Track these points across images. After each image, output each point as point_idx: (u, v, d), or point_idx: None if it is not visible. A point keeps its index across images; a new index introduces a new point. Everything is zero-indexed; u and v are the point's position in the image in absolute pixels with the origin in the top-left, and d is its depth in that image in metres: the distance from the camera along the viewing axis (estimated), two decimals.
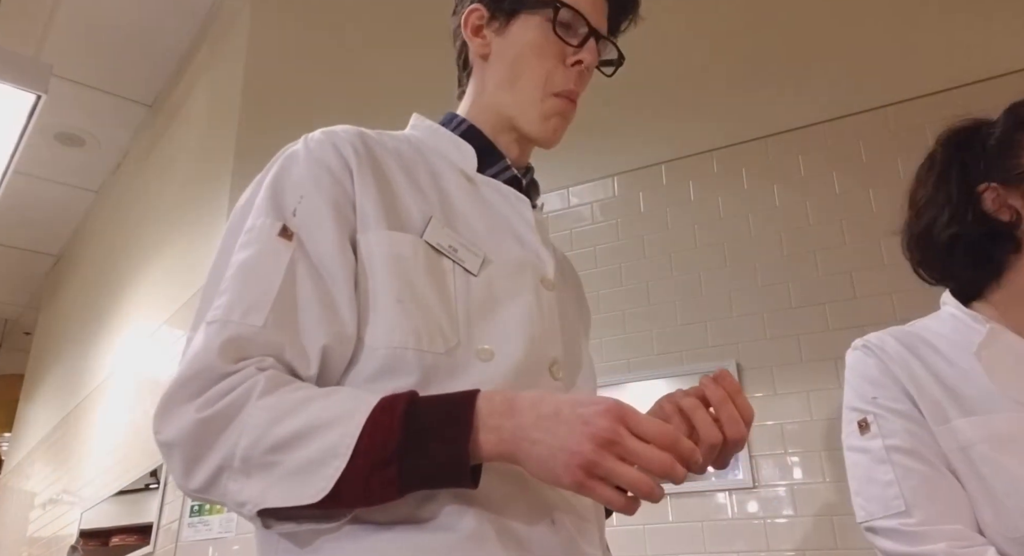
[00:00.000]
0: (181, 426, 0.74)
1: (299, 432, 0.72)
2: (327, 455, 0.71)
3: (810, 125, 2.95)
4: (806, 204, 2.87)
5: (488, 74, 1.03)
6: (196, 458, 0.74)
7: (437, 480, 0.73)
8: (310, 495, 0.70)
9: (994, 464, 0.91)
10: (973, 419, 0.94)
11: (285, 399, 0.74)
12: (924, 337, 1.06)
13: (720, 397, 0.85)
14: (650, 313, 2.98)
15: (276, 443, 0.72)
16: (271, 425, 0.72)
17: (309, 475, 0.71)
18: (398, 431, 0.71)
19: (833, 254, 2.76)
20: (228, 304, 0.78)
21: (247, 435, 0.72)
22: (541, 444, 0.71)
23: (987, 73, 2.67)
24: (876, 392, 1.04)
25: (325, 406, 0.74)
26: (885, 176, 2.76)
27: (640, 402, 3.02)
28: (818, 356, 2.66)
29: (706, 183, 3.07)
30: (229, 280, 0.81)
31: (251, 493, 0.72)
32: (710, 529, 2.61)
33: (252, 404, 0.73)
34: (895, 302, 2.60)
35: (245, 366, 0.76)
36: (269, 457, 0.72)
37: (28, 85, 2.32)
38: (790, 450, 2.60)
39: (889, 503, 0.95)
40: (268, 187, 0.87)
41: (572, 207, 3.30)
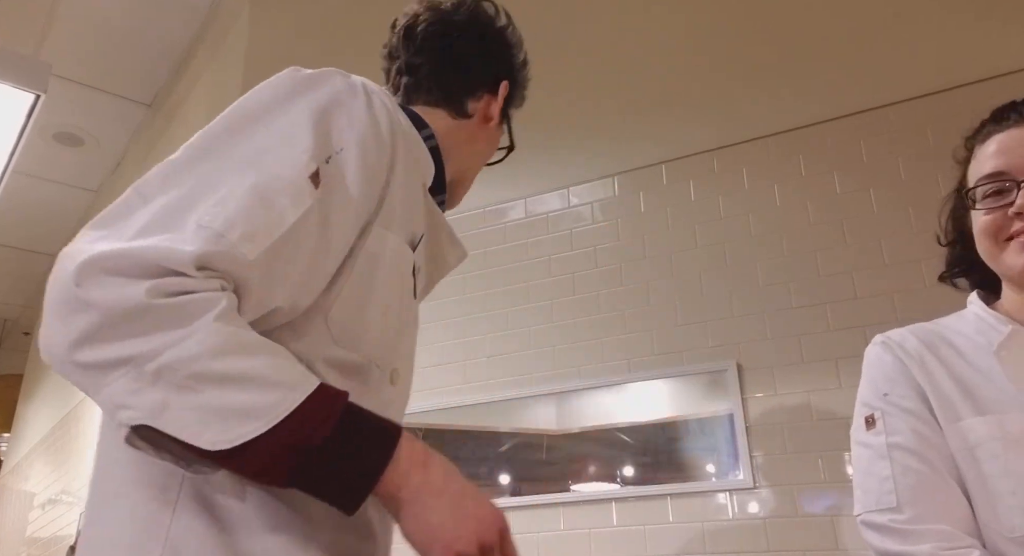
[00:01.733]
0: (121, 297, 0.67)
1: (238, 376, 0.69)
2: (252, 413, 0.68)
3: (811, 125, 2.94)
4: (807, 204, 2.87)
5: (476, 138, 1.14)
6: (110, 336, 0.67)
7: (329, 492, 0.72)
8: (208, 441, 0.67)
9: (1000, 462, 0.91)
10: (985, 418, 0.94)
11: (239, 335, 0.71)
12: (946, 336, 1.06)
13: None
14: (650, 313, 2.97)
15: (207, 373, 0.68)
16: (215, 354, 0.68)
17: (221, 421, 0.67)
18: (329, 428, 0.70)
19: (834, 254, 2.76)
20: (230, 219, 0.72)
21: (185, 348, 0.67)
22: (436, 513, 0.74)
23: (988, 73, 2.67)
24: (888, 388, 1.04)
25: (273, 364, 0.71)
26: (886, 176, 2.75)
27: (641, 402, 3.01)
28: (819, 356, 2.65)
29: (707, 183, 3.07)
30: (242, 191, 0.74)
31: (144, 404, 0.67)
32: (710, 529, 2.60)
33: (206, 320, 0.69)
34: (896, 302, 2.60)
35: (211, 278, 0.71)
36: (192, 382, 0.67)
37: (27, 85, 2.32)
38: (790, 450, 2.59)
39: (882, 498, 0.96)
40: (317, 112, 0.83)
41: (572, 207, 3.29)
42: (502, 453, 3.02)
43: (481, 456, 3.05)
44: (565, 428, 2.96)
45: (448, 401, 3.18)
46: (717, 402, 2.74)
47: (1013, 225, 0.97)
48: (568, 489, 2.87)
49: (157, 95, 3.60)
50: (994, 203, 0.99)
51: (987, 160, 1.01)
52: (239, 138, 0.80)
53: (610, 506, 2.78)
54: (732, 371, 2.74)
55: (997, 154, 1.00)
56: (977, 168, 1.03)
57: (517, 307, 3.23)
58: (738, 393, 2.71)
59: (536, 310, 3.19)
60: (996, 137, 1.02)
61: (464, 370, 3.23)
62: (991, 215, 0.99)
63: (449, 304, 3.36)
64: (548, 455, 2.95)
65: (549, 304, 3.17)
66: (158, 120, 3.65)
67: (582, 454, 2.90)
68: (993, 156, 1.01)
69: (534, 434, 3.00)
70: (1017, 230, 0.97)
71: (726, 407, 2.71)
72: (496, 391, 3.12)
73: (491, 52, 1.14)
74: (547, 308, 3.17)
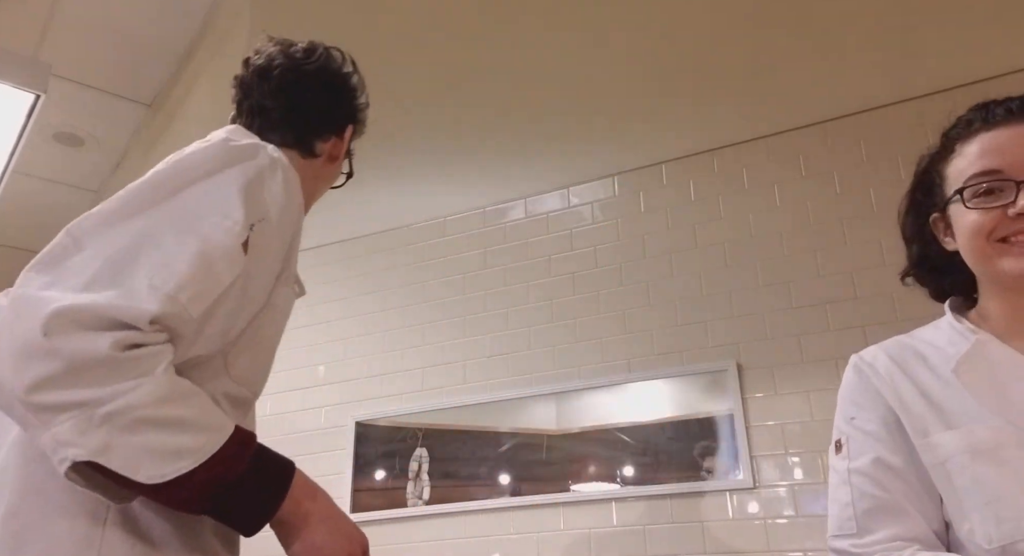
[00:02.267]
0: (87, 349, 0.76)
1: (175, 420, 0.80)
2: (182, 453, 0.80)
3: (811, 124, 2.94)
4: (807, 204, 2.87)
5: (321, 175, 1.24)
6: (70, 383, 0.76)
7: (235, 519, 0.88)
8: (145, 476, 0.79)
9: (969, 474, 0.91)
10: (953, 432, 0.94)
11: (178, 383, 0.83)
12: (919, 349, 1.05)
13: None
14: (650, 313, 2.97)
15: (150, 418, 0.79)
16: (158, 402, 0.80)
17: (157, 460, 0.79)
18: (243, 466, 0.86)
19: (834, 254, 2.75)
20: (180, 283, 0.83)
21: (135, 396, 0.78)
22: (320, 534, 0.94)
23: (990, 72, 2.67)
24: (855, 412, 1.05)
25: (202, 410, 0.84)
26: (886, 175, 2.75)
27: (641, 402, 3.02)
28: (819, 356, 2.65)
29: (707, 183, 3.06)
30: (188, 256, 0.85)
31: (90, 443, 0.77)
32: (710, 529, 2.60)
33: (157, 372, 0.80)
34: (896, 302, 2.60)
35: (159, 332, 0.82)
36: (135, 425, 0.78)
37: (27, 85, 2.32)
38: (790, 450, 2.59)
39: (844, 523, 0.98)
40: (246, 184, 0.94)
41: (572, 207, 3.29)
42: (502, 453, 3.02)
43: (481, 456, 3.05)
44: (565, 428, 2.96)
45: (448, 401, 3.18)
46: (717, 402, 2.74)
47: (1012, 226, 0.94)
48: (568, 489, 2.86)
49: (157, 95, 3.60)
50: (987, 202, 0.96)
51: (978, 158, 0.98)
52: (174, 199, 0.90)
53: (610, 506, 2.78)
54: (732, 371, 2.74)
55: (989, 152, 0.97)
56: (964, 166, 1.00)
57: (517, 307, 3.22)
58: (738, 393, 2.70)
59: (536, 310, 3.18)
60: (985, 134, 0.99)
61: (464, 370, 3.23)
62: (987, 215, 0.96)
63: (449, 304, 3.36)
64: (548, 455, 2.95)
65: (549, 304, 3.17)
66: (158, 120, 3.65)
67: (582, 454, 2.90)
68: (985, 154, 0.98)
69: (534, 434, 3.00)
70: (1012, 231, 0.94)
71: (726, 407, 2.71)
72: (496, 391, 3.12)
73: (338, 99, 1.25)
74: (547, 308, 3.17)
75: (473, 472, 3.05)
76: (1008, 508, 0.88)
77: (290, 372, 3.50)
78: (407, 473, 3.13)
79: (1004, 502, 0.88)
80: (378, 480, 3.19)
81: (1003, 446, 0.90)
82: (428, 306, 3.40)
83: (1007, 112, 0.99)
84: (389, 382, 3.34)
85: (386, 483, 3.17)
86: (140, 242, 0.85)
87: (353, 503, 3.16)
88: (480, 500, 2.98)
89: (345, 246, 3.67)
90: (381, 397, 3.33)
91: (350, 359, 3.45)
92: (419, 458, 3.14)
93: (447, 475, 3.09)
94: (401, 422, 3.24)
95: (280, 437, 3.42)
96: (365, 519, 3.12)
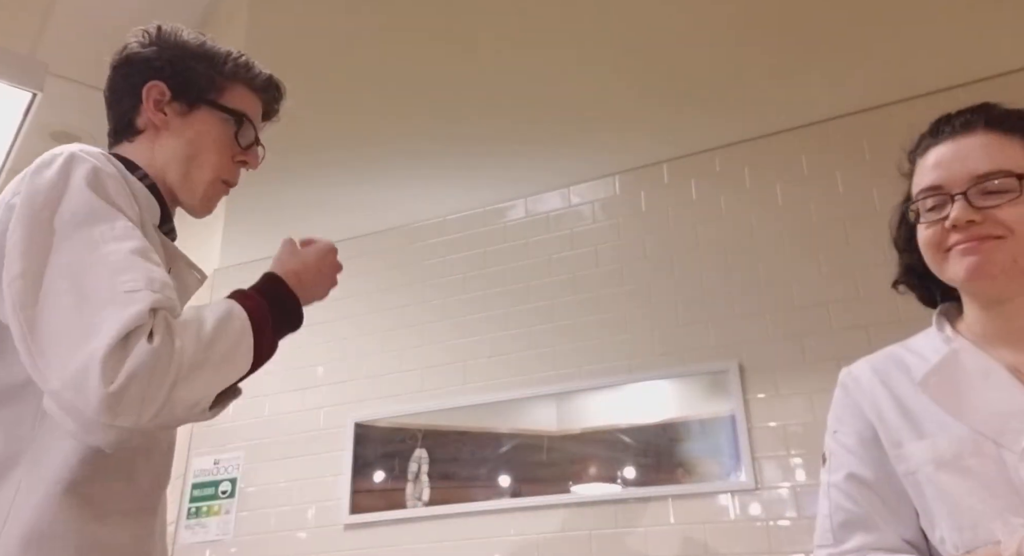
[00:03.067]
0: (140, 358, 0.86)
1: (215, 328, 0.95)
2: (239, 335, 0.98)
3: (813, 123, 2.93)
4: (809, 203, 2.85)
5: (161, 146, 1.18)
6: (154, 383, 0.87)
7: (290, 325, 1.13)
8: (243, 366, 0.98)
9: (935, 484, 0.95)
10: (922, 442, 0.98)
11: (187, 315, 0.96)
12: (904, 359, 1.09)
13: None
14: (651, 313, 2.96)
15: (208, 341, 0.93)
16: (199, 330, 0.93)
17: (236, 353, 0.97)
18: (266, 305, 1.06)
19: (836, 253, 2.74)
20: (146, 278, 0.92)
21: (189, 344, 0.91)
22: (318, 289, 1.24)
23: (991, 71, 2.66)
24: (837, 427, 1.09)
25: (212, 311, 0.98)
26: (889, 174, 2.72)
27: (642, 403, 2.99)
28: (821, 357, 2.64)
29: (708, 182, 3.05)
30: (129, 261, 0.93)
31: (202, 390, 0.92)
32: (712, 531, 2.59)
33: (178, 325, 0.92)
34: (899, 302, 2.56)
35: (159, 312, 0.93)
36: (208, 353, 0.93)
37: (23, 83, 2.30)
38: (793, 452, 2.57)
39: (823, 535, 1.04)
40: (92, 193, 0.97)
41: (573, 206, 3.28)
42: (502, 454, 3.01)
43: (481, 457, 3.04)
44: (566, 429, 2.94)
45: (448, 402, 3.17)
46: (719, 403, 2.72)
47: (950, 238, 0.99)
48: (568, 490, 2.85)
49: None
50: (933, 216, 1.02)
51: (925, 174, 1.05)
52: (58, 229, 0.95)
53: (611, 508, 2.76)
54: (734, 371, 2.73)
55: (933, 167, 1.03)
56: (917, 181, 1.07)
57: (517, 307, 3.21)
58: (740, 394, 2.69)
59: (536, 310, 3.17)
60: (933, 150, 1.05)
61: (464, 370, 3.21)
62: (931, 228, 1.02)
63: (449, 304, 3.34)
64: (548, 456, 2.93)
65: (549, 304, 3.15)
66: None
67: (583, 455, 2.88)
68: (930, 169, 1.04)
69: (534, 435, 2.99)
70: (953, 242, 0.99)
71: (728, 408, 2.70)
72: (496, 392, 3.11)
73: (130, 70, 1.20)
74: (547, 308, 3.15)
75: (473, 473, 3.03)
76: (967, 516, 0.92)
77: (289, 373, 3.48)
78: (407, 474, 3.12)
79: (963, 511, 0.92)
80: (377, 481, 3.17)
81: (964, 455, 0.94)
82: (428, 306, 3.39)
83: (951, 127, 1.05)
84: (388, 383, 3.32)
85: (385, 484, 3.15)
86: (77, 273, 0.92)
87: (352, 504, 3.14)
88: (480, 501, 2.96)
89: (344, 246, 3.61)
90: (380, 398, 3.31)
91: (349, 360, 3.44)
92: (419, 459, 3.13)
93: (447, 476, 3.07)
94: (400, 423, 3.23)
95: (279, 438, 3.40)
96: (364, 521, 3.11)
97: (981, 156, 1.00)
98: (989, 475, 0.91)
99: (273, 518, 3.27)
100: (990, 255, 0.96)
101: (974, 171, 0.99)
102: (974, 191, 0.98)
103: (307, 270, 1.19)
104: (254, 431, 3.45)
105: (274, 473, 3.35)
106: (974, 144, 1.01)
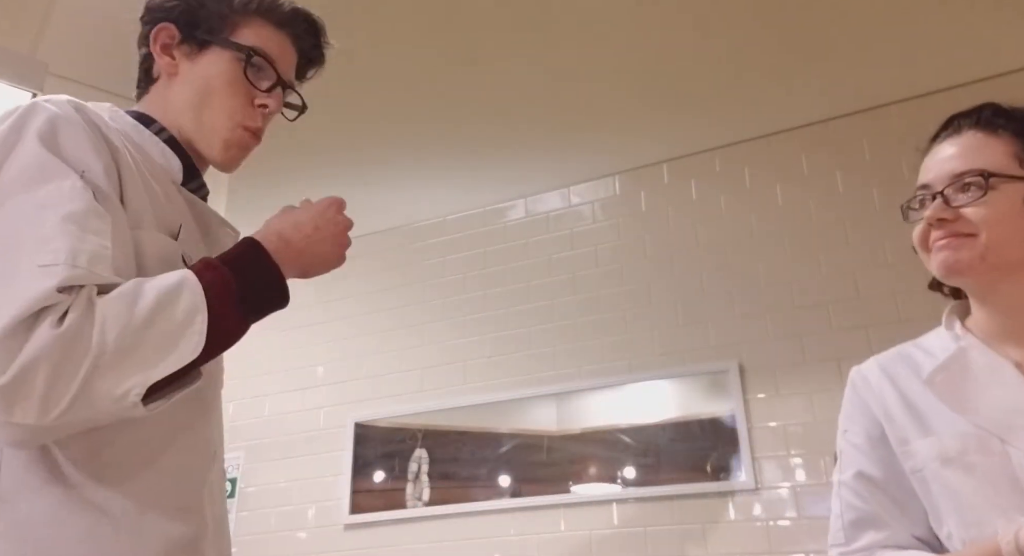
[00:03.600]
0: (40, 344, 0.75)
1: (155, 305, 0.81)
2: (190, 314, 0.83)
3: (813, 123, 2.93)
4: (809, 203, 2.85)
5: (174, 93, 1.08)
6: (61, 373, 0.75)
7: (268, 301, 0.93)
8: (190, 351, 0.82)
9: (941, 481, 0.96)
10: (928, 440, 0.99)
11: (124, 290, 0.81)
12: (914, 357, 1.09)
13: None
14: (651, 313, 2.96)
15: (143, 321, 0.80)
16: (131, 308, 0.80)
17: (181, 336, 0.82)
18: (231, 277, 0.88)
19: (836, 254, 2.74)
20: (69, 250, 0.80)
21: (113, 325, 0.78)
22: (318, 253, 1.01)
23: (992, 71, 2.66)
24: (847, 425, 1.11)
25: (154, 284, 0.83)
26: (888, 175, 2.74)
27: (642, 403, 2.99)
28: (821, 357, 2.64)
29: (708, 182, 3.05)
30: (58, 225, 0.81)
31: (133, 379, 0.78)
32: (712, 531, 2.59)
33: (100, 302, 0.79)
34: (898, 302, 2.58)
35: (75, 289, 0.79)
36: (141, 338, 0.79)
37: (23, 83, 2.30)
38: (792, 452, 2.57)
39: (835, 534, 1.05)
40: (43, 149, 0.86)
41: (573, 206, 3.28)
42: (502, 454, 3.01)
43: (481, 457, 3.04)
44: (566, 429, 2.94)
45: (448, 402, 3.17)
46: (719, 403, 2.72)
47: (931, 235, 1.02)
48: (569, 490, 2.85)
49: None
50: (919, 215, 1.05)
51: (921, 173, 1.08)
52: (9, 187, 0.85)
53: (611, 507, 2.76)
54: (734, 371, 2.73)
55: (926, 168, 1.07)
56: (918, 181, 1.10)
57: (517, 307, 3.21)
58: (740, 394, 2.69)
59: (536, 310, 3.17)
60: (931, 151, 1.08)
61: (464, 371, 3.21)
62: (918, 226, 1.05)
63: (449, 304, 3.34)
64: (549, 456, 2.93)
65: (549, 304, 3.15)
66: None
67: (583, 455, 2.88)
68: (924, 170, 1.07)
69: (534, 435, 2.99)
70: (932, 239, 1.02)
71: (728, 408, 2.70)
72: (496, 392, 3.11)
73: (148, 18, 1.12)
74: (547, 308, 3.15)
75: (473, 473, 3.03)
76: (972, 513, 0.93)
77: (289, 373, 3.48)
78: (407, 474, 3.12)
79: (968, 507, 0.93)
80: (377, 481, 3.17)
81: (968, 451, 0.95)
82: (428, 306, 3.39)
83: (949, 128, 1.08)
84: (388, 383, 3.32)
85: (385, 484, 3.15)
86: (6, 241, 0.81)
87: (352, 504, 3.14)
88: (480, 501, 2.96)
89: None
90: (380, 398, 3.31)
91: (349, 360, 3.44)
92: (419, 459, 3.13)
93: (447, 476, 3.07)
94: (400, 423, 3.23)
95: (278, 438, 3.40)
96: (364, 521, 3.11)
97: (961, 155, 1.03)
98: (994, 472, 0.92)
99: (273, 518, 3.27)
100: (957, 253, 0.99)
101: (953, 170, 1.02)
102: (951, 189, 1.01)
103: (298, 231, 1.00)
104: (254, 431, 3.45)
105: (274, 473, 3.35)
106: (960, 144, 1.05)
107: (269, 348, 3.43)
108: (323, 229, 1.02)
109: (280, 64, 1.11)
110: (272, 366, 3.48)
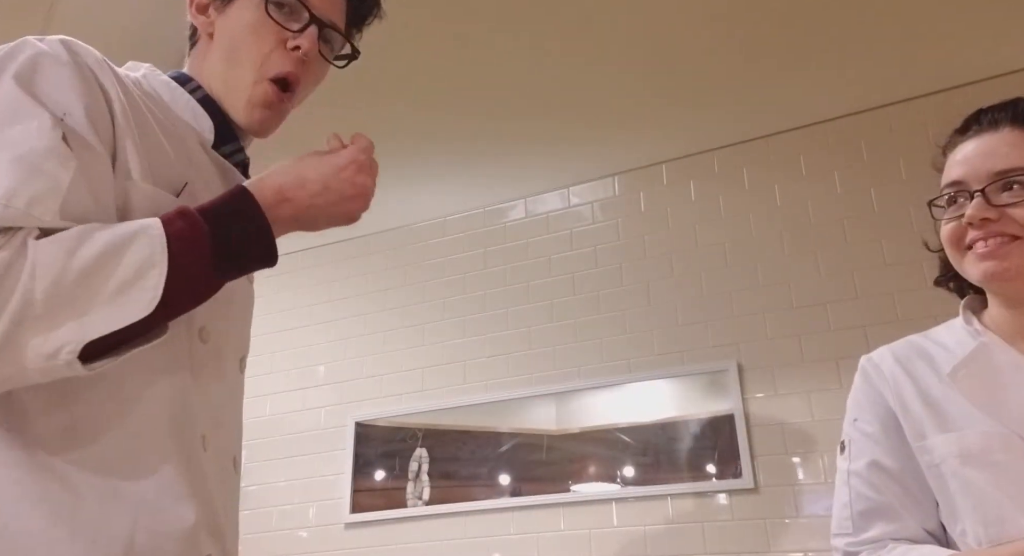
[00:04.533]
0: None
1: (102, 254, 0.72)
2: (143, 266, 0.73)
3: (812, 124, 2.93)
4: (808, 203, 2.86)
5: (210, 53, 1.02)
6: None
7: (250, 259, 0.83)
8: (141, 306, 0.72)
9: (960, 479, 0.94)
10: (947, 436, 0.97)
11: (65, 235, 0.73)
12: (928, 349, 1.07)
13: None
14: (651, 313, 2.96)
15: (81, 270, 0.71)
16: (69, 254, 0.71)
17: (131, 290, 0.72)
18: (204, 227, 0.78)
19: (835, 253, 2.75)
20: (9, 190, 0.72)
21: (43, 274, 0.70)
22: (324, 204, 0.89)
23: (991, 72, 2.66)
24: (857, 414, 1.09)
25: (111, 232, 0.74)
26: (887, 175, 2.74)
27: (641, 402, 3.00)
28: (820, 356, 2.65)
29: (707, 182, 3.06)
30: (7, 165, 0.74)
31: (66, 335, 0.70)
32: (711, 530, 2.59)
33: (32, 247, 0.71)
34: (897, 302, 2.59)
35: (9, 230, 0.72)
36: (79, 289, 0.71)
37: None
38: (791, 451, 2.58)
39: (842, 523, 1.03)
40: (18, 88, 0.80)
41: (572, 206, 3.28)
42: (502, 453, 3.02)
43: (481, 456, 3.04)
44: (565, 428, 2.95)
45: (448, 401, 3.18)
46: (718, 402, 2.73)
47: (969, 234, 0.98)
48: (568, 489, 2.86)
49: None
50: (953, 213, 1.01)
51: (950, 170, 1.04)
52: None
53: (611, 507, 2.77)
54: (733, 371, 2.73)
55: (958, 164, 1.02)
56: (944, 177, 1.05)
57: (517, 307, 3.22)
58: (739, 393, 2.70)
59: (536, 310, 3.18)
60: (960, 146, 1.04)
61: (464, 370, 3.22)
62: (950, 224, 1.01)
63: (449, 304, 3.35)
64: (548, 455, 2.94)
65: (549, 304, 3.16)
66: None
67: (582, 454, 2.89)
68: (955, 166, 1.03)
69: (534, 434, 2.99)
70: (971, 240, 0.98)
71: (727, 407, 2.70)
72: (496, 391, 3.12)
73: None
74: (547, 308, 3.16)
75: (473, 472, 3.04)
76: (993, 511, 0.91)
77: (289, 372, 3.49)
78: (407, 473, 3.13)
79: (990, 506, 0.92)
80: (378, 481, 3.18)
81: (992, 450, 0.93)
82: (428, 306, 3.40)
83: (979, 123, 1.04)
84: (389, 382, 3.33)
85: (386, 483, 3.16)
86: None
87: (353, 504, 3.15)
88: (480, 501, 2.97)
89: (345, 246, 3.66)
90: (381, 397, 3.32)
91: (350, 359, 3.45)
92: (419, 458, 3.14)
93: (447, 475, 3.08)
94: (401, 422, 3.24)
95: (279, 438, 3.41)
96: (365, 520, 3.12)
97: (1004, 153, 0.98)
98: (1018, 470, 0.91)
99: (274, 517, 3.28)
100: (1005, 259, 0.95)
101: (994, 168, 0.98)
102: (993, 188, 0.97)
103: (303, 189, 0.88)
104: (255, 430, 3.46)
105: (275, 472, 3.36)
106: (999, 141, 1.00)
107: (270, 348, 3.45)
108: (333, 191, 0.90)
109: (317, 3, 1.01)
110: (273, 366, 3.49)
